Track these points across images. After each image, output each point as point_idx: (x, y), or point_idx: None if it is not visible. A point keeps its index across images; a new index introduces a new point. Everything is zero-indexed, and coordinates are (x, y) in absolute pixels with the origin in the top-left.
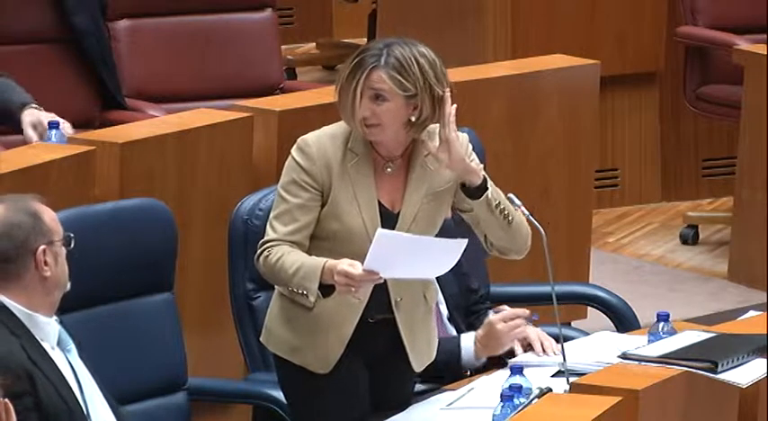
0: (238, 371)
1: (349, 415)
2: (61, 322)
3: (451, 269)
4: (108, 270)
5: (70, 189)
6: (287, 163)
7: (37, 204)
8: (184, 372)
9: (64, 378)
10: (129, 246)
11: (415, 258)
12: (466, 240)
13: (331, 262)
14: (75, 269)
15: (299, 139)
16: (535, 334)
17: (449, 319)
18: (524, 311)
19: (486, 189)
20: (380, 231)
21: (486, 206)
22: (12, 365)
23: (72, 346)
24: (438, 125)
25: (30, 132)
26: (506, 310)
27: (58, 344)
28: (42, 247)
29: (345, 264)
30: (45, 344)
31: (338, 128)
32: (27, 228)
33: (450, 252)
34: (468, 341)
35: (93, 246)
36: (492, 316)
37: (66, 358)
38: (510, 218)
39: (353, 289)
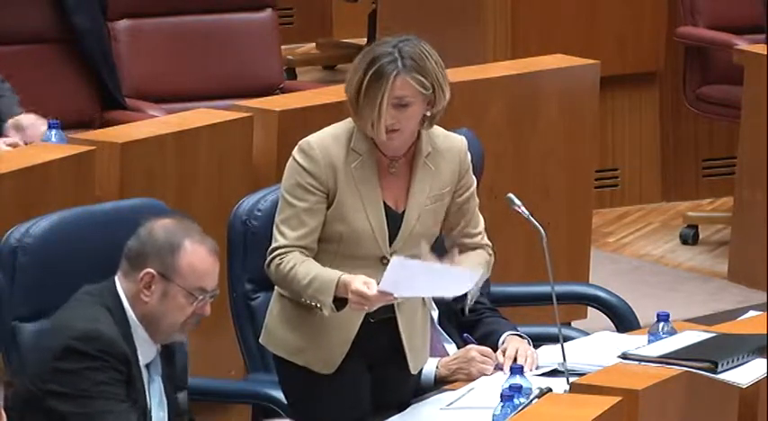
0: (238, 371)
1: (350, 415)
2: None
3: None
4: (107, 270)
5: (70, 189)
6: (289, 165)
7: (194, 245)
8: None
9: (144, 391)
10: None
11: (429, 282)
12: (481, 270)
13: (345, 277)
14: (75, 269)
15: (300, 141)
16: (514, 349)
17: (438, 323)
18: (499, 359)
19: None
20: (396, 258)
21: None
22: (115, 348)
23: (158, 378)
24: (437, 127)
25: (11, 133)
26: (487, 349)
27: (148, 366)
28: (150, 271)
29: (360, 283)
30: (140, 355)
31: (340, 128)
32: (155, 248)
33: (464, 280)
34: (430, 364)
35: (93, 246)
36: (471, 346)
37: (148, 382)
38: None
39: (366, 308)
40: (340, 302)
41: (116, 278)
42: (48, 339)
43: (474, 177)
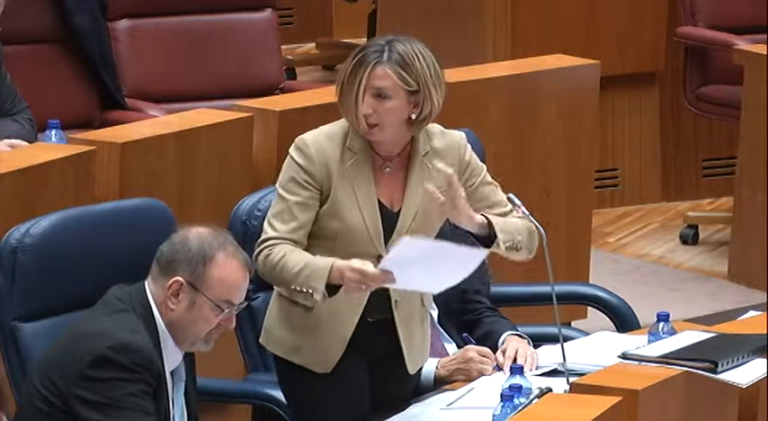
0: (238, 371)
1: (349, 414)
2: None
3: None
4: (108, 270)
5: (70, 189)
6: (285, 162)
7: (227, 257)
8: None
9: (169, 401)
10: (129, 246)
11: (432, 264)
12: (486, 251)
13: (340, 262)
14: (75, 269)
15: (297, 139)
16: (514, 349)
17: (438, 323)
18: (499, 359)
19: (493, 240)
20: (406, 238)
21: (496, 248)
22: (150, 363)
23: (181, 384)
24: (435, 125)
25: None
26: (486, 349)
27: (173, 373)
28: (179, 279)
29: (358, 262)
30: (166, 363)
31: (336, 126)
32: (188, 257)
33: (468, 260)
34: (429, 365)
35: (93, 246)
36: (470, 346)
37: (173, 388)
38: (520, 247)
39: (364, 287)
40: (332, 290)
41: (146, 283)
42: (81, 344)
43: (482, 165)
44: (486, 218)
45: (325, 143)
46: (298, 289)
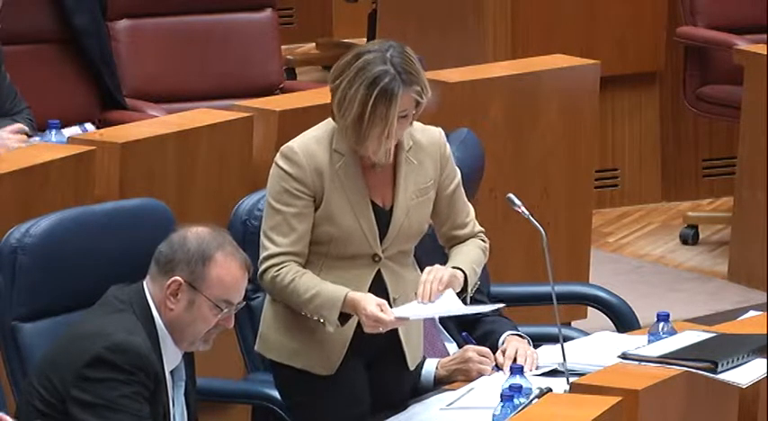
0: (238, 371)
1: (349, 415)
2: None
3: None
4: (108, 270)
5: (70, 189)
6: (273, 172)
7: (226, 257)
8: None
9: (169, 401)
10: (129, 246)
11: (440, 307)
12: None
13: (353, 295)
14: (76, 269)
15: (282, 147)
16: (514, 349)
17: (439, 322)
18: (499, 359)
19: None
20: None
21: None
22: (147, 364)
23: (182, 383)
24: (415, 122)
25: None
26: (485, 349)
27: (173, 372)
28: (178, 279)
29: (374, 306)
30: (165, 363)
31: (320, 130)
32: (187, 257)
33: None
34: (429, 365)
35: (94, 246)
36: (468, 346)
37: (173, 388)
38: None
39: (381, 329)
40: (344, 318)
41: (144, 282)
42: (79, 344)
43: (457, 168)
44: (464, 275)
45: (314, 148)
46: (309, 315)
